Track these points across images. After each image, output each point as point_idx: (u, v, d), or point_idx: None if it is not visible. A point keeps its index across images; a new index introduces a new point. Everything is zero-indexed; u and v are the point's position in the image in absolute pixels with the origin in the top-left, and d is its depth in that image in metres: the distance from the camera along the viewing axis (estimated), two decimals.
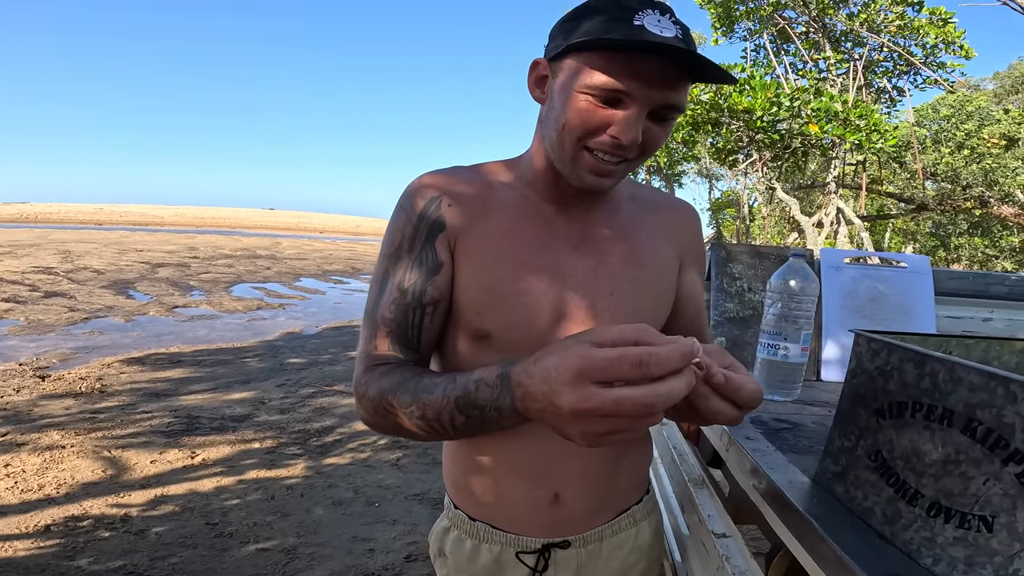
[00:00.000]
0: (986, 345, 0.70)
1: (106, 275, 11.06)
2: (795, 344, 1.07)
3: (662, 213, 0.91)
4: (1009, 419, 0.45)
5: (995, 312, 1.60)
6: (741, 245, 1.43)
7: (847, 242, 6.96)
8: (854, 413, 0.62)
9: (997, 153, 10.48)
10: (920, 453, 0.52)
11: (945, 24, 7.84)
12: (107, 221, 32.71)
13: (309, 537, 2.71)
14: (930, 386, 0.52)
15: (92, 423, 3.92)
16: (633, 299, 0.83)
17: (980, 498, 0.47)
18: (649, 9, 0.69)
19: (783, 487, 0.66)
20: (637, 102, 0.69)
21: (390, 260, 0.80)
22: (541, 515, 0.85)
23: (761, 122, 6.20)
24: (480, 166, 0.87)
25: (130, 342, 6.33)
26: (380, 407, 0.71)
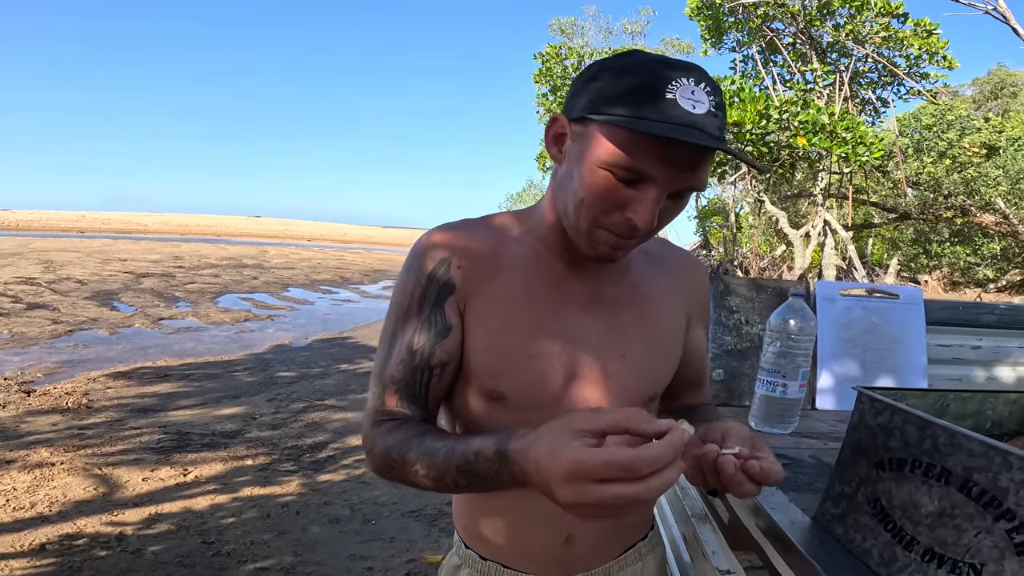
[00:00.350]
0: (981, 398, 0.73)
1: (89, 286, 10.93)
2: (794, 381, 1.10)
3: (672, 270, 0.91)
4: (1004, 483, 0.50)
5: (984, 340, 1.65)
6: (739, 278, 1.46)
7: (834, 253, 7.07)
8: (855, 463, 0.65)
9: (978, 162, 10.70)
10: (917, 505, 0.57)
11: (929, 35, 8.01)
12: (89, 229, 32.32)
13: (307, 556, 2.71)
14: (931, 447, 0.56)
15: (81, 439, 3.89)
16: (644, 360, 0.84)
17: (971, 548, 0.52)
18: (684, 78, 0.65)
19: (785, 527, 0.69)
20: (658, 186, 0.67)
21: (399, 321, 0.81)
22: (553, 556, 0.86)
23: (750, 135, 6.29)
24: (491, 219, 0.87)
25: (116, 355, 6.28)
26: (386, 462, 0.74)
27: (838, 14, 8.16)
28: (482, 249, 0.81)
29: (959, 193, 10.25)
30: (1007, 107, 20.52)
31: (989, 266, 13.98)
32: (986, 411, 0.74)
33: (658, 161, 0.65)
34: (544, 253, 0.83)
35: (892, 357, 1.43)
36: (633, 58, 0.70)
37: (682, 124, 0.63)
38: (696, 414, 0.95)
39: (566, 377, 0.80)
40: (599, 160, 0.67)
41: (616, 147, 0.66)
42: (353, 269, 19.24)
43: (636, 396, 0.84)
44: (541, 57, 11.99)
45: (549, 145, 0.77)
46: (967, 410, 0.72)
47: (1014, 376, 1.69)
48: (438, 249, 0.80)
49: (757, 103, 6.11)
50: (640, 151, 0.65)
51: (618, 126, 0.65)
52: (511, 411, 0.80)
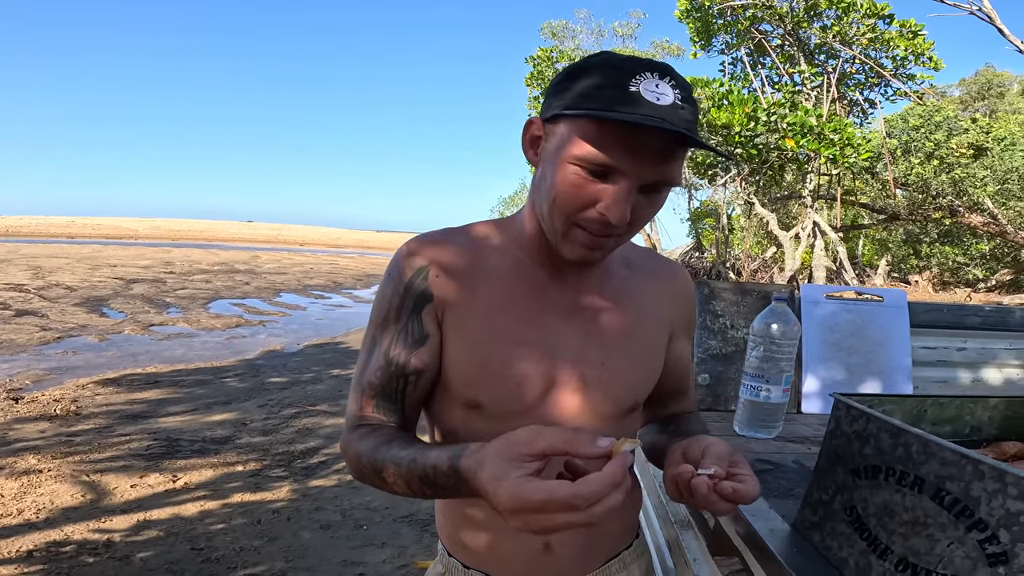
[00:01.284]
0: (959, 403, 0.73)
1: (79, 292, 10.85)
2: (777, 386, 1.11)
3: (656, 280, 0.91)
4: (976, 493, 0.49)
5: (969, 342, 1.66)
6: (724, 283, 1.46)
7: (823, 254, 7.11)
8: (832, 470, 0.65)
9: (966, 163, 10.79)
10: (892, 513, 0.57)
11: (915, 36, 8.08)
12: (79, 235, 32.08)
13: (298, 562, 2.70)
14: (904, 455, 0.55)
15: (69, 447, 3.86)
16: (623, 369, 0.84)
17: (944, 558, 0.51)
18: (648, 72, 0.66)
19: (764, 535, 0.69)
20: (627, 178, 0.67)
21: (378, 328, 0.82)
22: (533, 565, 0.86)
23: (739, 137, 6.32)
24: (471, 228, 0.87)
25: (105, 362, 6.23)
26: (359, 467, 0.76)
27: (825, 15, 8.22)
28: (461, 258, 0.81)
29: (947, 194, 10.33)
30: (994, 107, 20.71)
31: (978, 266, 14.08)
32: (964, 416, 0.73)
33: (624, 151, 0.66)
34: (525, 261, 0.83)
35: (877, 360, 1.43)
36: (601, 58, 0.71)
37: (646, 115, 0.64)
38: (681, 422, 0.95)
39: (544, 386, 0.79)
40: (569, 155, 0.68)
41: (583, 140, 0.66)
42: (346, 274, 19.17)
43: (615, 405, 0.84)
44: (533, 60, 12.02)
45: (526, 148, 0.78)
46: (945, 416, 0.72)
47: (1000, 378, 1.70)
48: (417, 258, 0.81)
49: (745, 105, 6.14)
50: (606, 142, 0.66)
51: (585, 119, 0.67)
52: (488, 420, 0.80)
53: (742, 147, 6.33)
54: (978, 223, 9.07)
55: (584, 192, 0.69)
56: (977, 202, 10.48)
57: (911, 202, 10.60)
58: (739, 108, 6.07)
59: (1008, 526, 0.48)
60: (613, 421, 0.84)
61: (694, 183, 17.64)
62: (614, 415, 0.84)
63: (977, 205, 10.41)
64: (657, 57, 13.96)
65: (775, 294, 1.14)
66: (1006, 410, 0.74)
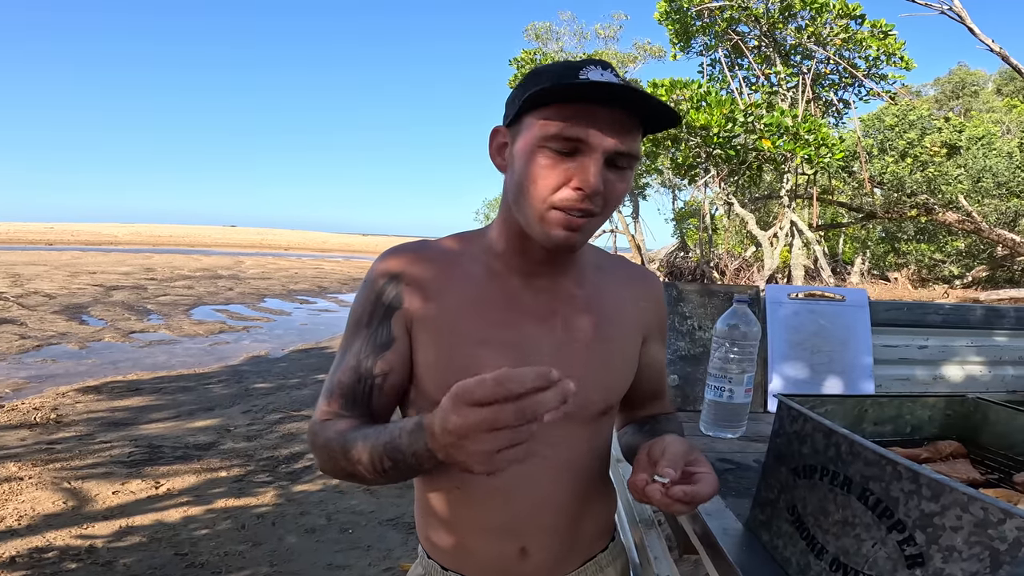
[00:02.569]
0: (899, 403, 0.76)
1: (58, 299, 10.70)
2: (739, 386, 1.14)
3: (627, 284, 0.93)
4: (895, 493, 0.52)
5: (930, 339, 1.70)
6: (691, 284, 1.50)
7: (802, 253, 7.20)
8: (776, 469, 0.68)
9: (939, 161, 10.98)
10: (826, 512, 0.59)
11: (886, 36, 8.22)
12: (58, 241, 31.62)
13: (283, 566, 2.70)
14: (835, 455, 0.58)
15: (49, 454, 3.83)
16: (596, 373, 0.86)
17: (869, 559, 0.53)
18: (593, 65, 0.73)
19: (717, 533, 0.72)
20: (594, 149, 0.71)
21: (351, 332, 0.86)
22: (509, 568, 0.88)
23: (717, 138, 6.39)
24: (446, 239, 0.90)
25: (85, 370, 6.17)
26: (327, 452, 0.78)
27: (800, 17, 8.34)
28: (433, 267, 0.84)
29: (922, 192, 10.51)
30: (969, 106, 21.08)
31: (955, 263, 14.32)
32: (904, 416, 0.77)
33: (587, 125, 0.71)
34: (499, 269, 0.85)
35: (839, 358, 1.47)
36: (548, 64, 0.78)
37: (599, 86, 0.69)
38: (658, 424, 0.97)
39: None
40: (536, 139, 0.73)
41: (546, 121, 0.72)
42: (331, 278, 19.06)
43: (588, 408, 0.86)
44: (516, 62, 12.05)
45: (493, 156, 0.82)
46: (885, 415, 0.75)
47: (962, 374, 1.74)
48: (391, 268, 0.85)
49: (723, 106, 6.21)
50: (567, 116, 0.71)
51: (547, 105, 0.72)
52: None
53: (720, 148, 6.40)
54: (953, 220, 9.23)
55: (556, 172, 0.73)
56: (952, 200, 10.67)
57: (887, 200, 10.76)
58: (717, 109, 6.14)
59: (923, 527, 0.50)
60: (586, 424, 0.87)
61: (678, 184, 17.79)
62: (587, 418, 0.86)
63: (952, 203, 10.59)
64: (639, 59, 14.06)
65: (736, 296, 1.17)
66: (945, 409, 0.78)
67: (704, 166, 7.40)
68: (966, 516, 0.46)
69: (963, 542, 0.46)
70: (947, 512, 0.48)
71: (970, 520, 0.46)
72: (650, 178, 14.93)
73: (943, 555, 0.48)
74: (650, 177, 14.69)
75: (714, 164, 7.16)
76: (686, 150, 7.00)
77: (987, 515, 0.45)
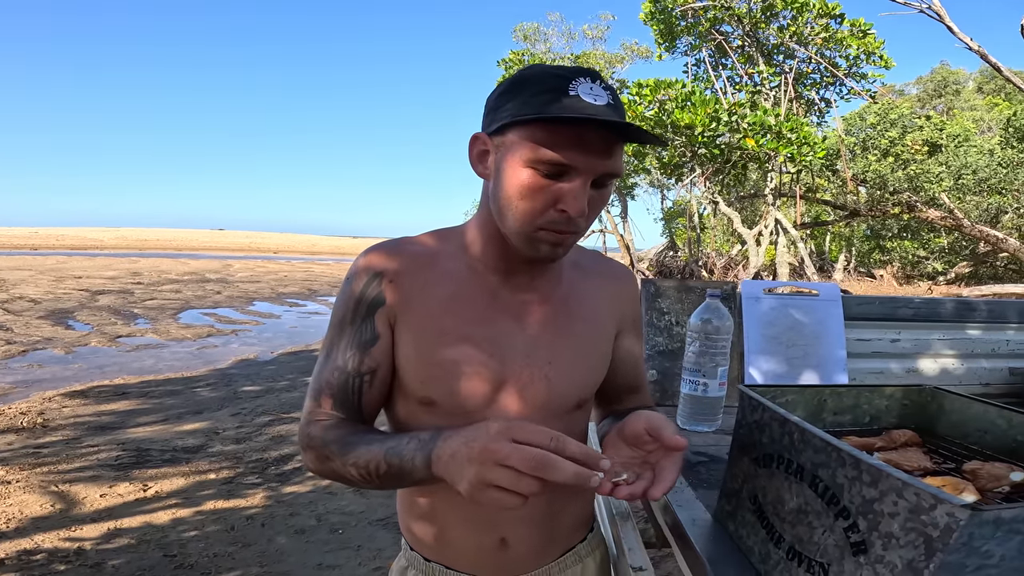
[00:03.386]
0: (856, 392, 0.79)
1: (43, 304, 10.61)
2: (713, 380, 1.17)
3: (602, 281, 0.96)
4: (840, 480, 0.53)
5: (903, 333, 1.73)
6: (669, 280, 1.53)
7: (786, 251, 7.27)
8: (740, 459, 0.71)
9: (921, 159, 11.11)
10: (782, 501, 0.61)
11: (865, 35, 8.32)
12: (43, 246, 31.28)
13: (273, 567, 2.71)
14: (789, 443, 0.60)
15: (36, 458, 3.83)
16: (570, 367, 0.88)
17: (820, 546, 0.55)
18: (581, 77, 0.72)
19: (686, 524, 0.74)
20: (582, 174, 0.73)
21: (336, 331, 0.87)
22: (490, 558, 0.90)
23: (702, 137, 6.44)
24: (425, 237, 0.91)
25: (71, 375, 6.13)
26: (323, 455, 0.80)
27: (781, 16, 8.42)
28: (414, 265, 0.86)
29: (904, 189, 10.63)
30: (951, 104, 21.34)
31: (938, 259, 14.48)
32: (863, 405, 0.79)
33: (576, 149, 0.71)
34: (476, 267, 0.87)
35: (814, 352, 1.51)
36: (535, 70, 0.76)
37: (592, 114, 0.70)
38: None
39: (493, 383, 0.84)
40: (524, 160, 0.73)
41: (536, 144, 0.72)
42: (321, 281, 18.99)
43: (563, 401, 0.88)
44: (505, 63, 12.06)
45: (474, 164, 0.82)
46: (844, 405, 0.78)
47: (936, 368, 1.78)
48: (372, 266, 0.85)
49: (707, 106, 6.26)
50: (558, 142, 0.71)
51: (536, 123, 0.72)
52: (441, 416, 0.84)
53: (705, 147, 6.46)
54: (935, 217, 9.35)
55: (544, 194, 0.74)
56: (933, 197, 10.80)
57: (871, 198, 10.88)
58: (701, 109, 6.19)
59: (864, 514, 0.50)
60: (560, 417, 0.89)
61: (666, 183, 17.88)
62: (561, 411, 0.88)
63: (934, 200, 10.73)
64: (627, 59, 14.12)
65: (709, 291, 1.20)
66: (903, 398, 0.81)
67: (690, 165, 7.46)
68: (901, 502, 0.47)
69: (900, 528, 0.47)
70: (885, 498, 0.49)
71: (905, 506, 0.47)
72: (638, 178, 15.00)
73: (883, 542, 0.49)
74: (638, 177, 14.76)
75: (699, 163, 7.22)
76: (672, 149, 7.06)
77: (919, 501, 0.46)
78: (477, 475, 0.62)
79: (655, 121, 6.52)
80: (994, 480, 0.59)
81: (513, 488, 0.61)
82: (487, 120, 0.80)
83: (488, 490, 0.62)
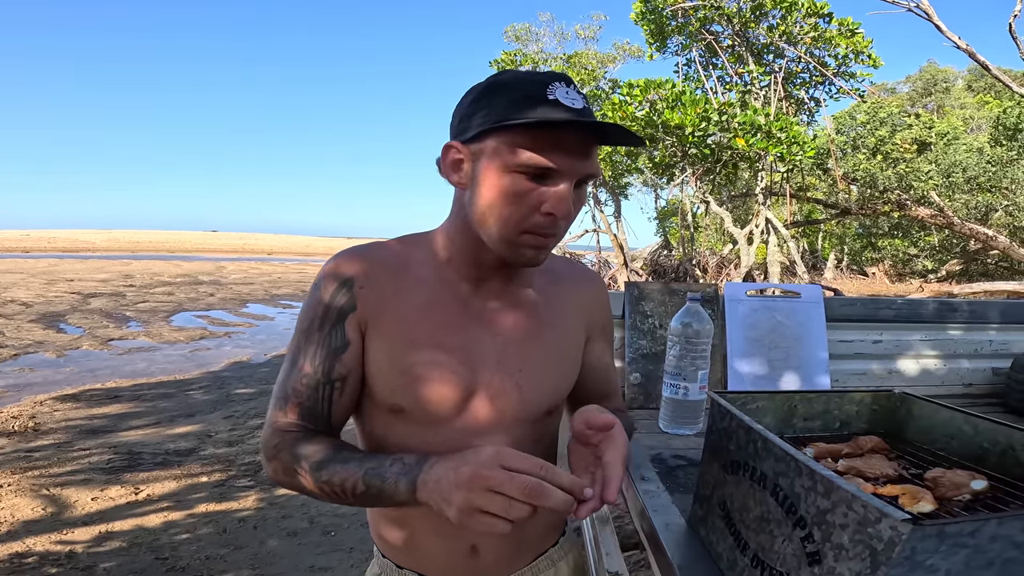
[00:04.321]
0: (826, 398, 0.80)
1: (34, 308, 10.56)
2: (693, 383, 1.18)
3: (572, 287, 0.96)
4: (798, 490, 0.54)
5: (884, 334, 1.74)
6: (652, 283, 1.54)
7: (777, 250, 7.31)
8: (710, 465, 0.71)
9: (910, 158, 11.18)
10: (748, 508, 0.61)
11: (853, 34, 8.37)
12: (34, 248, 31.11)
13: (265, 569, 2.71)
14: (753, 451, 0.61)
15: (28, 462, 3.83)
16: (540, 374, 0.89)
17: (780, 555, 0.55)
18: (556, 82, 0.73)
19: (659, 530, 0.75)
20: (565, 176, 0.74)
21: (303, 336, 0.85)
22: (461, 566, 0.91)
23: (692, 137, 6.47)
24: (396, 242, 0.90)
25: (63, 378, 6.11)
26: (291, 469, 0.78)
27: (771, 15, 8.46)
28: (384, 271, 0.85)
29: (894, 188, 10.69)
30: (941, 103, 21.45)
31: (928, 257, 14.57)
32: (833, 411, 0.80)
33: (560, 152, 0.72)
34: (447, 274, 0.86)
35: (796, 354, 1.52)
36: (509, 75, 0.77)
37: (574, 118, 0.72)
38: None
39: (464, 391, 0.84)
40: (507, 165, 0.74)
41: (520, 148, 0.72)
42: None
43: (533, 408, 0.89)
44: (497, 64, 12.05)
45: (448, 173, 0.81)
46: (814, 411, 0.79)
47: (917, 368, 1.79)
48: (341, 272, 0.84)
49: (697, 106, 6.29)
50: (541, 146, 0.72)
51: (517, 128, 0.72)
52: (411, 424, 0.84)
53: (696, 147, 6.48)
54: (926, 216, 9.42)
55: (529, 198, 0.75)
56: (923, 196, 10.86)
57: (862, 196, 10.94)
58: (691, 109, 6.22)
59: (819, 524, 0.50)
60: (531, 424, 0.89)
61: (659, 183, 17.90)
62: (532, 417, 0.89)
63: (924, 198, 10.79)
64: (619, 59, 14.12)
65: (689, 294, 1.21)
66: (872, 404, 0.82)
67: (681, 165, 7.48)
68: (851, 514, 0.47)
69: (849, 540, 0.47)
70: (836, 509, 0.49)
71: (854, 518, 0.47)
72: (631, 177, 15.01)
73: (835, 553, 0.49)
74: (631, 176, 14.78)
75: (690, 163, 7.24)
76: (663, 149, 7.09)
77: (866, 513, 0.46)
78: (467, 501, 0.63)
79: (646, 121, 6.53)
80: (955, 488, 0.60)
81: (504, 515, 0.62)
82: (460, 127, 0.79)
83: (478, 516, 0.63)
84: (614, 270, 13.14)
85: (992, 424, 0.69)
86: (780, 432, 0.78)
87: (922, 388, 1.77)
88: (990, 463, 0.68)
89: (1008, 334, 1.85)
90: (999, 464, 0.67)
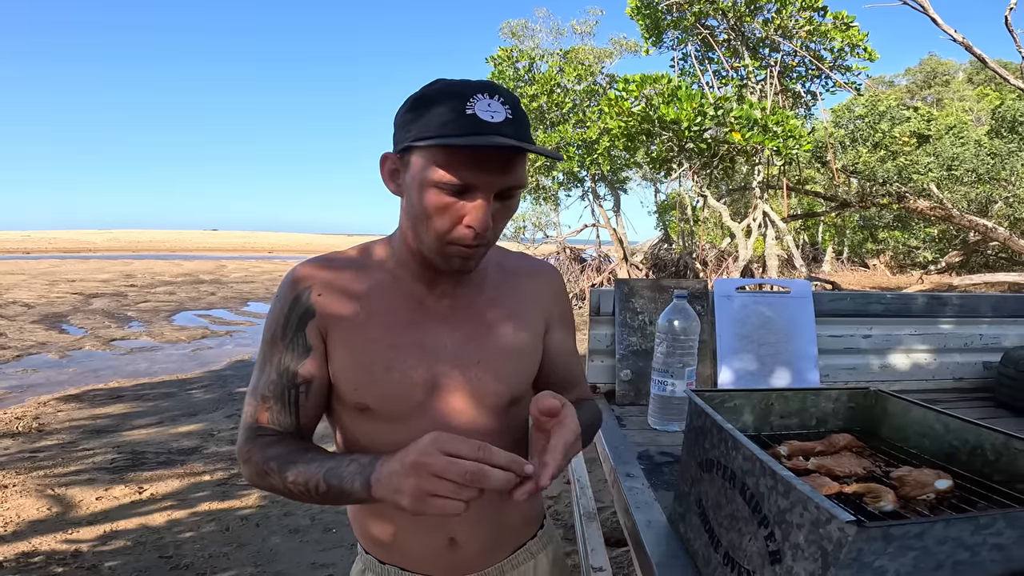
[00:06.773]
0: (803, 396, 0.81)
1: (36, 309, 10.60)
2: (680, 380, 1.20)
3: (527, 279, 0.98)
4: (762, 489, 0.55)
5: (874, 328, 1.75)
6: (642, 280, 1.55)
7: (775, 243, 7.31)
8: (688, 463, 0.73)
9: (909, 151, 11.16)
10: (720, 506, 0.63)
11: (848, 28, 8.34)
12: (35, 249, 31.18)
13: (267, 566, 2.75)
14: (724, 450, 0.63)
15: (33, 462, 3.87)
16: (500, 365, 0.91)
17: (748, 553, 0.56)
18: (479, 94, 0.74)
19: (641, 527, 0.77)
20: (483, 192, 0.76)
21: (268, 344, 0.89)
22: (441, 558, 0.94)
23: (689, 132, 6.47)
24: (354, 250, 0.95)
25: (66, 379, 6.15)
26: (262, 470, 0.82)
27: (766, 9, 8.44)
28: (343, 277, 0.89)
29: (893, 181, 10.68)
30: (940, 95, 21.40)
31: (928, 249, 14.57)
32: (809, 409, 0.82)
33: (474, 169, 0.74)
34: (402, 276, 0.90)
35: (785, 350, 1.54)
36: (437, 86, 0.79)
37: (484, 134, 0.73)
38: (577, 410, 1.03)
39: (424, 386, 0.87)
40: (427, 181, 0.76)
41: (436, 166, 0.75)
42: None
43: (495, 399, 0.91)
44: (493, 60, 12.03)
45: (387, 181, 0.85)
46: (791, 408, 0.80)
47: (908, 363, 1.81)
48: (302, 279, 0.88)
49: (693, 101, 6.29)
50: (456, 164, 0.74)
51: (434, 147, 0.75)
52: (377, 421, 0.88)
53: (692, 141, 6.49)
54: (925, 208, 9.41)
55: (449, 211, 0.77)
56: (923, 188, 10.85)
57: (862, 189, 10.92)
58: (688, 103, 6.22)
59: (779, 523, 0.51)
60: (495, 414, 0.92)
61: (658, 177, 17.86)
62: (495, 408, 0.91)
63: (923, 191, 10.78)
64: (616, 54, 14.09)
65: (676, 292, 1.23)
66: (848, 401, 0.84)
67: (678, 159, 7.49)
68: (806, 514, 0.48)
69: (804, 540, 0.48)
70: (794, 509, 0.50)
71: (809, 518, 0.48)
72: (630, 172, 14.99)
73: (792, 552, 0.50)
74: (630, 171, 14.76)
75: (687, 158, 7.25)
76: (660, 144, 7.09)
77: (819, 514, 0.47)
78: (416, 486, 0.67)
79: (642, 116, 6.54)
80: (919, 487, 0.61)
81: (454, 496, 0.66)
82: (395, 138, 0.82)
83: (429, 500, 0.66)
84: (614, 264, 13.14)
85: (962, 423, 0.70)
86: (758, 430, 0.80)
87: (913, 383, 1.78)
88: (960, 462, 0.70)
89: (998, 328, 1.85)
90: (968, 463, 0.69)
